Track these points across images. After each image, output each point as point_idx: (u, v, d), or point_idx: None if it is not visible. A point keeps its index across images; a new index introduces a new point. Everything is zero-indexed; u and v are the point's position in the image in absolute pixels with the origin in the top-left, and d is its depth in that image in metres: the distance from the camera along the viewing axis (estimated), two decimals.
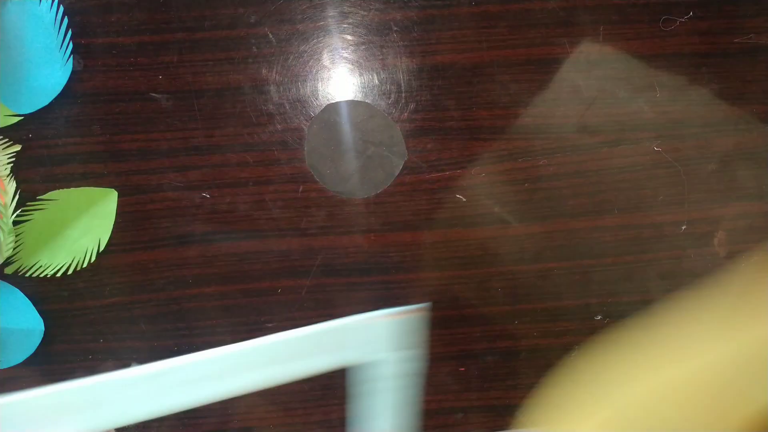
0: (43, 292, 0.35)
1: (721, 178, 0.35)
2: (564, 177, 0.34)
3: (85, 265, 0.35)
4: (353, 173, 0.34)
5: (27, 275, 0.35)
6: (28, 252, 0.34)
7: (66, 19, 0.32)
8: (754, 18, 0.34)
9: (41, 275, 0.35)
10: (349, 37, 0.33)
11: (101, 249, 0.34)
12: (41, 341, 0.35)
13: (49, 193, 0.34)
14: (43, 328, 0.35)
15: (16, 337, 0.35)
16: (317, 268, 0.35)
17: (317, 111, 0.34)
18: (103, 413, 0.28)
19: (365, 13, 0.33)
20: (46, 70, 0.32)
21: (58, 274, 0.35)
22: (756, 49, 0.34)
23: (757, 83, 0.34)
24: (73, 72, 0.33)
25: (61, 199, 0.34)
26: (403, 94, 0.34)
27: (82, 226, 0.34)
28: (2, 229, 0.34)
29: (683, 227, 0.36)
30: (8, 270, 0.34)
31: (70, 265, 0.35)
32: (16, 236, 0.34)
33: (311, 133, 0.34)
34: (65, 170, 0.34)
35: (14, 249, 0.34)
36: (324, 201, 0.34)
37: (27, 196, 0.34)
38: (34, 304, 0.35)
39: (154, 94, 0.33)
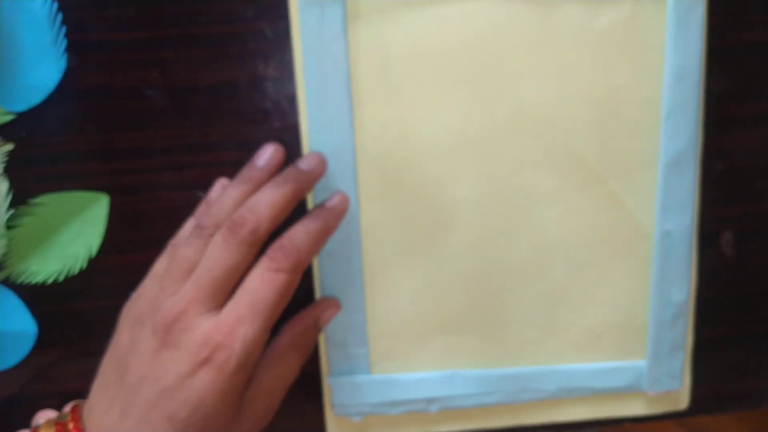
0: (35, 294, 0.34)
1: (728, 177, 0.35)
2: None
3: (76, 272, 0.34)
4: None
5: (17, 283, 0.34)
6: (18, 259, 0.34)
7: (60, 15, 0.32)
8: (762, 13, 0.33)
9: (33, 283, 0.34)
10: None
11: (93, 255, 0.34)
12: (34, 344, 0.35)
13: (39, 197, 0.33)
14: (35, 330, 0.35)
15: (8, 340, 0.35)
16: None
17: None
18: None
19: None
20: (40, 67, 0.32)
21: (49, 281, 0.34)
22: (764, 45, 0.33)
23: (765, 80, 0.34)
24: (66, 69, 0.32)
25: (50, 203, 0.33)
26: None
27: (72, 232, 0.34)
28: None
29: None
30: None
31: (61, 272, 0.34)
32: (7, 242, 0.34)
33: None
34: (58, 169, 0.33)
35: (4, 255, 0.34)
36: None
37: (20, 196, 0.33)
38: (27, 306, 0.34)
39: (148, 91, 0.32)
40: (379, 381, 0.35)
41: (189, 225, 0.32)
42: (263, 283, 0.27)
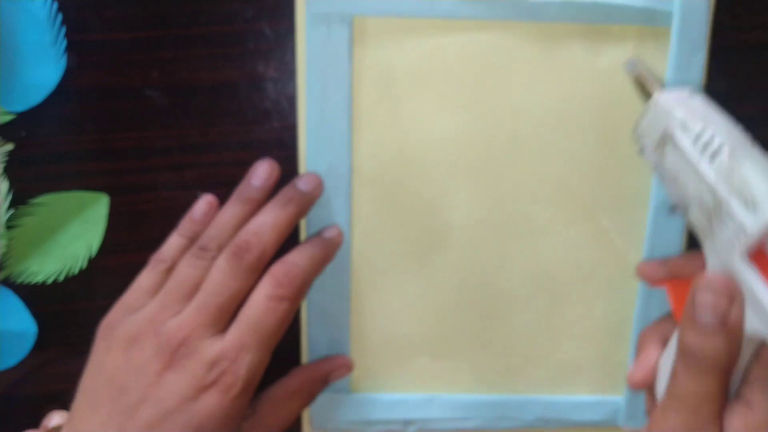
0: (36, 294, 0.34)
1: None
2: None
3: (76, 272, 0.34)
4: None
5: (17, 283, 0.34)
6: (18, 259, 0.34)
7: (60, 15, 0.32)
8: (761, 14, 0.33)
9: (33, 283, 0.34)
10: None
11: (93, 255, 0.34)
12: (34, 344, 0.35)
13: (39, 197, 0.33)
14: (36, 330, 0.35)
15: (8, 340, 0.35)
16: None
17: None
18: None
19: None
20: (40, 67, 0.32)
21: (49, 281, 0.34)
22: (764, 45, 0.33)
23: (765, 80, 0.34)
24: (66, 69, 0.32)
25: (50, 203, 0.34)
26: None
27: (73, 232, 0.34)
28: None
29: None
30: None
31: (61, 272, 0.34)
32: (7, 242, 0.34)
33: None
34: (58, 169, 0.33)
35: (4, 255, 0.34)
36: None
37: (20, 196, 0.33)
38: (27, 306, 0.35)
39: (148, 91, 0.33)
40: (358, 399, 0.35)
41: (173, 240, 0.31)
42: (267, 313, 0.27)
